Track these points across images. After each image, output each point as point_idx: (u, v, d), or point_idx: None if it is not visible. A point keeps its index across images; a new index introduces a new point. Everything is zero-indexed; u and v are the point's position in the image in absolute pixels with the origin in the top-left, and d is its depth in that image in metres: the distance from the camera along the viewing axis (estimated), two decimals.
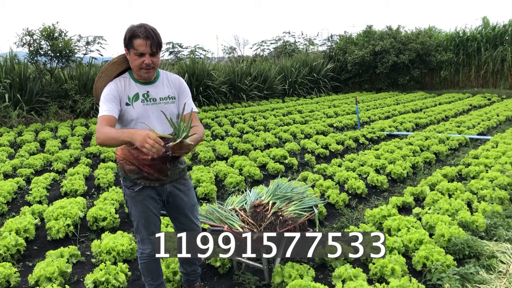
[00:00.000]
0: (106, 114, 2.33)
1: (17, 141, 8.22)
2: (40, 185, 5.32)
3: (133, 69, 2.45)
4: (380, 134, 9.05)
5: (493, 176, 5.22)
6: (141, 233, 2.62)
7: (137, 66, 2.39)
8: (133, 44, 2.34)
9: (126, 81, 2.46)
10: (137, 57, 2.36)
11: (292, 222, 3.03)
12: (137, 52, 2.34)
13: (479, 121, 10.09)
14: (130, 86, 2.45)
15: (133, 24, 2.37)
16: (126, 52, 2.42)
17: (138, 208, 2.55)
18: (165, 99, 2.53)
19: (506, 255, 3.29)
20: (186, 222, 2.74)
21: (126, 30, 2.37)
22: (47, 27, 11.44)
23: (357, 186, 5.21)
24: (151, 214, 2.58)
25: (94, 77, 11.87)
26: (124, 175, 2.52)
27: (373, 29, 20.24)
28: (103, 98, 2.38)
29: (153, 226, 2.61)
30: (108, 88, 2.41)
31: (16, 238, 3.67)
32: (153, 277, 2.74)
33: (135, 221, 2.61)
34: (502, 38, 18.37)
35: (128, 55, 2.41)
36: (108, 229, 4.24)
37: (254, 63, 16.81)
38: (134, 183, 2.50)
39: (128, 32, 2.35)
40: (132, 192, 2.52)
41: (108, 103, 2.36)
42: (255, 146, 7.70)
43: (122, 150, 2.47)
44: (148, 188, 2.52)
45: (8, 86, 10.69)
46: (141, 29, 2.33)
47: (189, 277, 2.98)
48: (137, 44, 2.32)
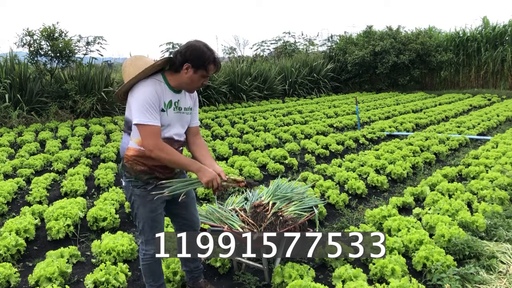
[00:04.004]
0: (155, 125, 2.34)
1: (17, 141, 8.22)
2: (40, 185, 5.32)
3: (184, 82, 2.45)
4: (380, 134, 9.05)
5: (493, 176, 5.22)
6: (146, 234, 2.62)
7: (196, 84, 2.47)
8: (207, 68, 2.42)
9: (162, 86, 2.44)
10: (201, 77, 2.45)
11: (292, 222, 3.02)
12: (205, 75, 2.44)
13: (479, 121, 10.09)
14: (165, 93, 2.45)
15: (206, 46, 2.42)
16: (190, 69, 2.40)
17: (147, 208, 2.55)
18: (187, 109, 2.60)
19: (506, 255, 3.29)
20: (188, 216, 2.80)
21: (201, 51, 2.39)
22: (47, 27, 11.43)
23: (357, 186, 5.21)
24: (159, 214, 2.61)
25: (94, 78, 11.88)
26: (135, 176, 2.51)
27: (373, 29, 20.25)
28: (147, 103, 2.33)
29: (159, 226, 2.63)
30: (149, 92, 2.35)
31: (16, 238, 3.67)
32: (154, 278, 2.74)
33: (141, 221, 2.60)
34: (502, 38, 18.36)
35: (189, 70, 2.41)
36: (108, 229, 4.24)
37: (254, 63, 16.81)
38: (146, 183, 2.52)
39: (206, 56, 2.40)
40: (144, 191, 2.52)
41: (153, 110, 2.34)
42: (255, 147, 7.70)
43: (135, 152, 2.47)
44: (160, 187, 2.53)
45: (8, 86, 10.68)
46: (215, 56, 2.44)
47: (192, 274, 3.01)
48: (210, 69, 2.43)
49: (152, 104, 2.33)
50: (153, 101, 2.34)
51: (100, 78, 12.01)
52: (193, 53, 2.38)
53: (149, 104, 2.32)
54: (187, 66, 2.39)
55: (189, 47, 2.40)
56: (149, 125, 2.32)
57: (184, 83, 2.47)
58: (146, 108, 2.32)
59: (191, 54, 2.38)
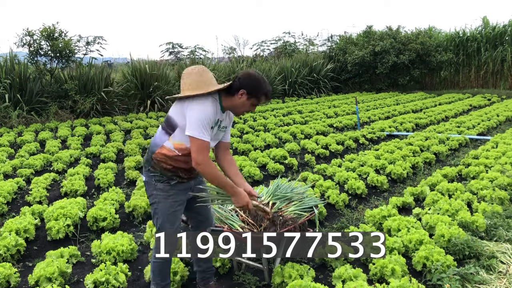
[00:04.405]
0: (207, 141, 2.51)
1: (17, 141, 8.22)
2: (40, 185, 5.32)
3: (235, 105, 2.65)
4: (380, 134, 9.05)
5: (493, 176, 5.22)
6: (166, 230, 2.67)
7: (245, 110, 2.69)
8: (259, 98, 2.65)
9: (217, 106, 2.61)
10: (251, 105, 2.66)
11: (292, 222, 3.03)
12: (255, 103, 2.66)
13: (479, 121, 10.10)
14: (217, 112, 2.63)
15: (263, 79, 2.65)
16: (244, 95, 2.59)
17: (168, 202, 2.65)
18: (224, 128, 2.79)
19: (506, 255, 3.29)
20: (205, 212, 2.90)
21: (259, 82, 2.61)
22: (47, 27, 11.43)
23: (357, 186, 5.21)
24: (179, 209, 2.72)
25: (94, 78, 11.88)
26: (160, 171, 2.63)
27: (373, 29, 20.23)
28: (206, 120, 2.49)
29: (178, 222, 2.74)
30: (210, 112, 2.52)
31: (16, 238, 3.67)
32: (162, 277, 2.80)
33: (161, 217, 2.67)
34: (502, 38, 18.36)
35: (243, 96, 2.60)
36: (108, 229, 4.24)
37: (254, 63, 16.82)
38: (170, 178, 2.65)
39: (262, 87, 2.62)
40: (167, 186, 2.64)
41: (208, 128, 2.52)
42: (255, 147, 7.70)
43: (168, 152, 2.58)
44: (181, 182, 2.69)
45: (8, 87, 10.67)
46: (269, 89, 2.68)
47: (205, 274, 3.05)
48: (262, 99, 2.67)
49: (209, 122, 2.52)
50: (210, 120, 2.53)
51: (100, 78, 12.00)
52: (250, 82, 2.60)
53: (206, 122, 2.50)
54: (243, 92, 2.59)
55: (249, 76, 2.62)
56: (203, 140, 2.48)
57: (235, 107, 2.66)
58: (204, 124, 2.49)
59: (249, 82, 2.60)
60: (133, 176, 5.90)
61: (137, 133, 8.95)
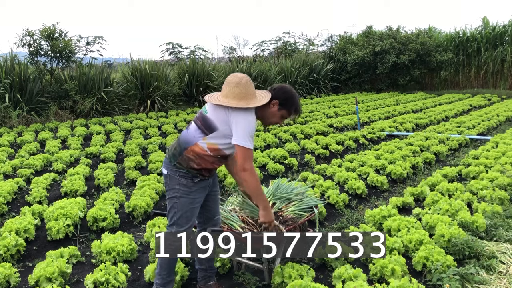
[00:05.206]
0: (252, 150, 2.63)
1: (17, 141, 8.22)
2: (40, 186, 5.32)
3: (266, 115, 2.75)
4: (380, 134, 9.05)
5: (493, 176, 5.22)
6: (181, 225, 2.71)
7: (273, 120, 2.77)
8: (290, 111, 2.75)
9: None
10: (280, 117, 2.76)
11: (292, 222, 3.03)
12: (285, 115, 2.76)
13: (479, 121, 10.10)
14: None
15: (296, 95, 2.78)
16: (276, 105, 2.70)
17: (189, 198, 2.70)
18: None
19: (506, 255, 3.29)
20: (214, 208, 2.97)
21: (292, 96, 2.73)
22: (47, 28, 11.43)
23: (357, 186, 5.21)
24: (197, 207, 2.77)
25: (94, 78, 11.88)
26: (187, 168, 2.69)
27: (373, 29, 20.23)
28: (252, 131, 2.62)
29: (192, 221, 2.78)
30: (255, 123, 2.66)
31: (16, 238, 3.67)
32: (169, 272, 2.84)
33: (179, 212, 2.70)
34: (502, 38, 18.35)
35: (275, 106, 2.70)
36: (108, 229, 4.24)
37: (254, 63, 16.80)
38: (194, 176, 2.71)
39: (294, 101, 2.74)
40: (190, 182, 2.70)
41: (253, 138, 2.65)
42: (255, 147, 7.70)
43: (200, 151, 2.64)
44: (203, 180, 2.77)
45: (8, 87, 10.67)
46: (300, 106, 2.81)
47: (206, 273, 3.06)
48: (291, 113, 2.77)
49: (254, 133, 2.66)
50: (254, 130, 2.66)
51: (100, 78, 12.00)
52: (284, 95, 2.72)
53: (253, 132, 2.64)
54: (275, 102, 2.70)
55: (284, 89, 2.74)
56: (250, 149, 2.59)
57: (266, 116, 2.75)
58: (251, 135, 2.62)
59: (283, 94, 2.72)
60: (133, 176, 5.90)
61: (137, 133, 8.95)
